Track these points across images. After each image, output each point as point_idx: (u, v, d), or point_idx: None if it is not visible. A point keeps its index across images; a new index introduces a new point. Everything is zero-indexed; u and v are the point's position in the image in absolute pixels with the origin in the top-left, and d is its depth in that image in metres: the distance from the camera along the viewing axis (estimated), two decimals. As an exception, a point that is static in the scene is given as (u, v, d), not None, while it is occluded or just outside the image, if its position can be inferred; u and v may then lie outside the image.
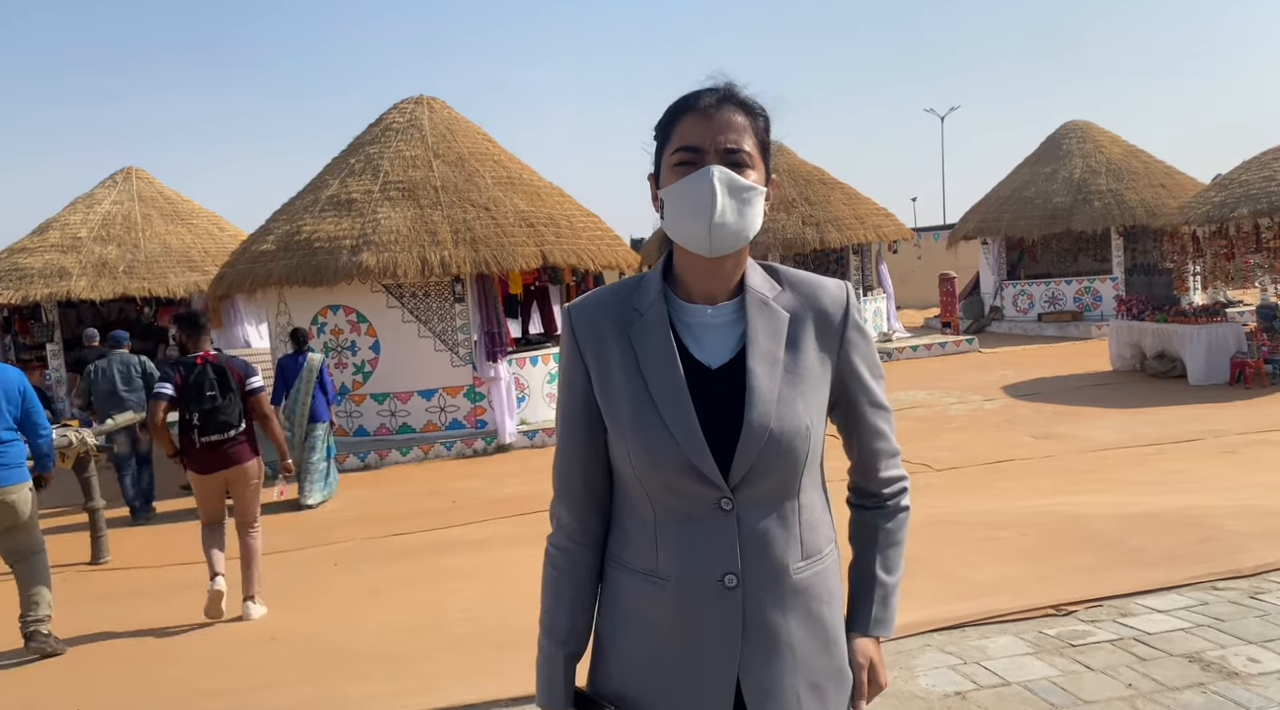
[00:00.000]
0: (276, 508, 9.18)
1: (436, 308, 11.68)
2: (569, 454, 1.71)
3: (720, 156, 1.58)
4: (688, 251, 1.64)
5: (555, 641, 1.74)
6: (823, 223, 18.29)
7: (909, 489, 1.79)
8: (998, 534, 6.09)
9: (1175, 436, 9.12)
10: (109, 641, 5.64)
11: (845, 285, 1.76)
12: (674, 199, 1.60)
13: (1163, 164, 20.56)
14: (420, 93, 13.65)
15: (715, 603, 1.58)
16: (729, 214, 1.57)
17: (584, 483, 1.71)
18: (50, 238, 16.14)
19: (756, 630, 1.59)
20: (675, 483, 1.57)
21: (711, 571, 1.57)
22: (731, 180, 1.57)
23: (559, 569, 1.75)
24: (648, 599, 1.63)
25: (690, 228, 1.58)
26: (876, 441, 1.76)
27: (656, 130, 1.67)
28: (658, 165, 1.66)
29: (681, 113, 1.62)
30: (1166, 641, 4.10)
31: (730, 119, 1.59)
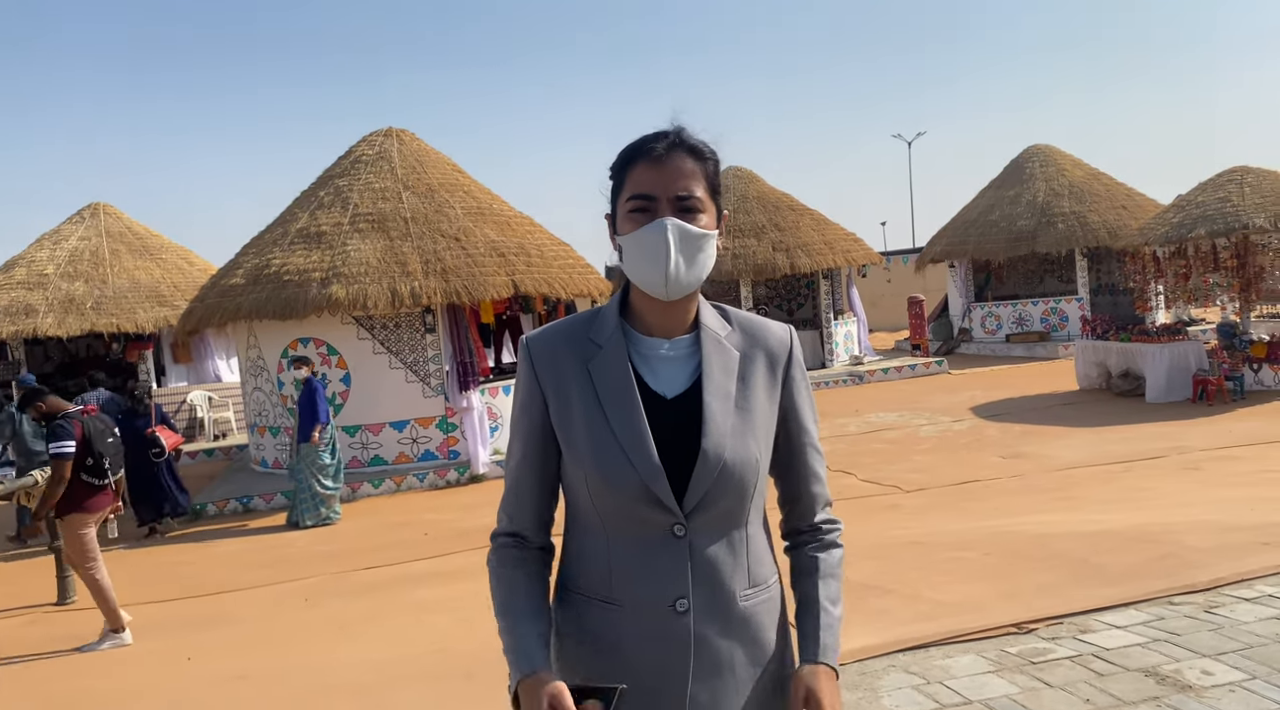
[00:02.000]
0: (250, 542, 9.13)
1: (408, 339, 11.69)
2: (522, 477, 1.78)
3: (672, 204, 1.65)
4: (645, 292, 1.72)
5: (517, 616, 1.70)
6: (792, 248, 18.50)
7: (841, 531, 1.87)
8: (963, 554, 6.16)
9: (1140, 454, 9.26)
10: (77, 684, 5.58)
11: (789, 329, 1.85)
12: (631, 248, 1.68)
13: (1124, 186, 20.97)
14: (389, 125, 13.73)
15: (667, 626, 1.64)
16: (682, 265, 1.65)
17: (534, 500, 1.78)
18: (16, 275, 16.03)
19: (704, 653, 1.66)
20: (632, 509, 1.64)
21: (664, 596, 1.63)
22: (684, 232, 1.64)
23: (507, 563, 1.77)
24: (605, 623, 1.69)
25: (648, 276, 1.67)
26: (814, 485, 1.84)
27: (611, 172, 1.74)
28: (614, 206, 1.74)
29: (634, 159, 1.69)
30: (1124, 657, 4.17)
31: (680, 166, 1.66)
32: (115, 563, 8.77)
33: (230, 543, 9.28)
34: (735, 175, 20.50)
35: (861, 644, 4.59)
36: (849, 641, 4.64)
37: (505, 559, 1.77)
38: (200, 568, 8.33)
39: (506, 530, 1.79)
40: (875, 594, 5.43)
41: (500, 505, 1.83)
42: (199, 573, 8.12)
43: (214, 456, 15.18)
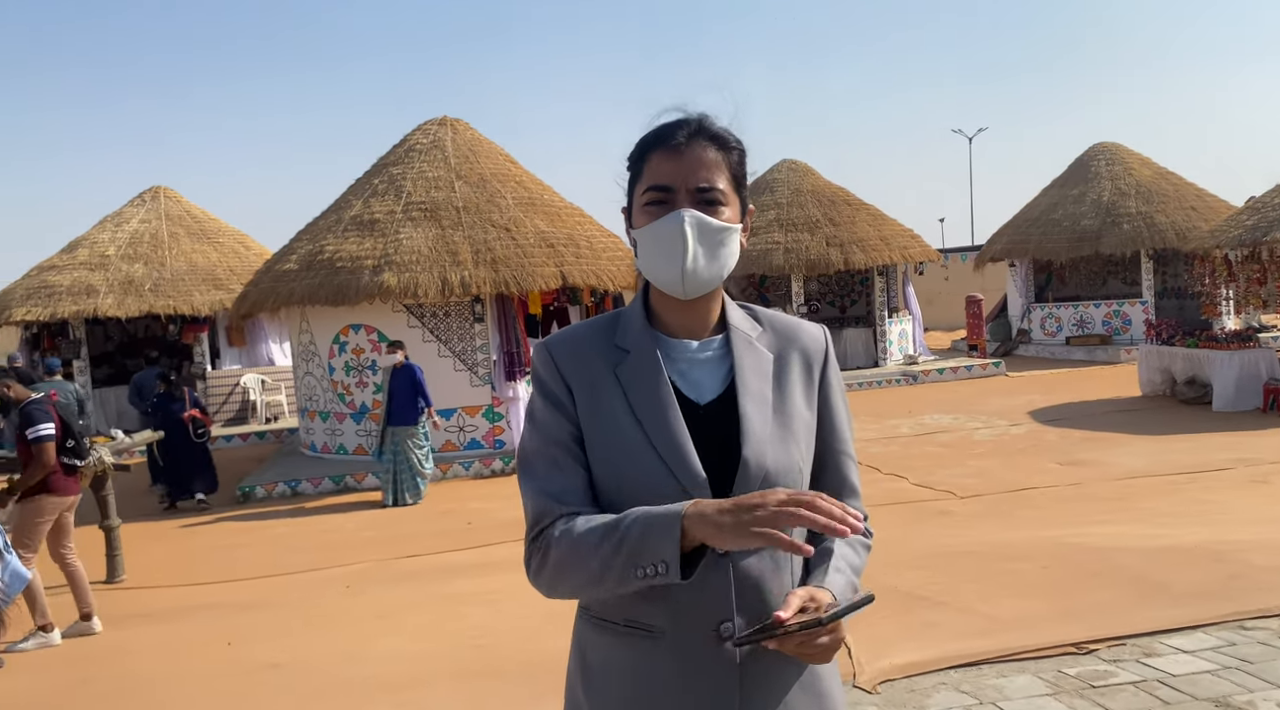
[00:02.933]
0: (297, 526, 9.18)
1: (456, 328, 11.68)
2: (562, 459, 1.54)
3: (691, 196, 1.53)
4: (662, 290, 1.59)
5: (630, 513, 1.43)
6: (847, 244, 18.17)
7: (871, 544, 1.69)
8: (1018, 566, 5.94)
9: (1205, 465, 8.90)
10: (114, 667, 5.61)
11: (823, 328, 1.73)
12: (646, 242, 1.55)
13: (1194, 186, 20.28)
14: (444, 114, 13.74)
15: (711, 654, 1.49)
16: (700, 260, 1.52)
17: (579, 480, 1.54)
18: (79, 256, 16.37)
19: (752, 685, 1.51)
20: None
21: (707, 621, 1.48)
22: (702, 224, 1.52)
23: (575, 524, 1.47)
24: (634, 655, 1.53)
25: (663, 272, 1.55)
26: (848, 498, 1.69)
27: (628, 162, 1.62)
28: (630, 198, 1.61)
29: (651, 148, 1.56)
30: (1192, 684, 3.95)
31: (701, 156, 1.54)
32: (167, 543, 8.89)
33: (278, 526, 9.34)
34: (790, 168, 20.20)
35: (910, 659, 4.41)
36: (896, 656, 4.47)
37: (573, 520, 1.48)
38: (248, 551, 8.39)
39: (555, 516, 1.50)
40: (925, 606, 5.24)
41: (533, 498, 1.55)
42: (246, 556, 8.18)
43: (265, 439, 15.36)
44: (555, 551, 1.48)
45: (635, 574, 1.39)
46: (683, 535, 1.35)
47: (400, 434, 9.89)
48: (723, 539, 1.32)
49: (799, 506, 1.29)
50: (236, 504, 10.51)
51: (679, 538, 1.35)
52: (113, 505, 7.69)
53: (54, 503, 6.18)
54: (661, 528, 1.37)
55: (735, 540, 1.31)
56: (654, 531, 1.37)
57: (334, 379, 11.97)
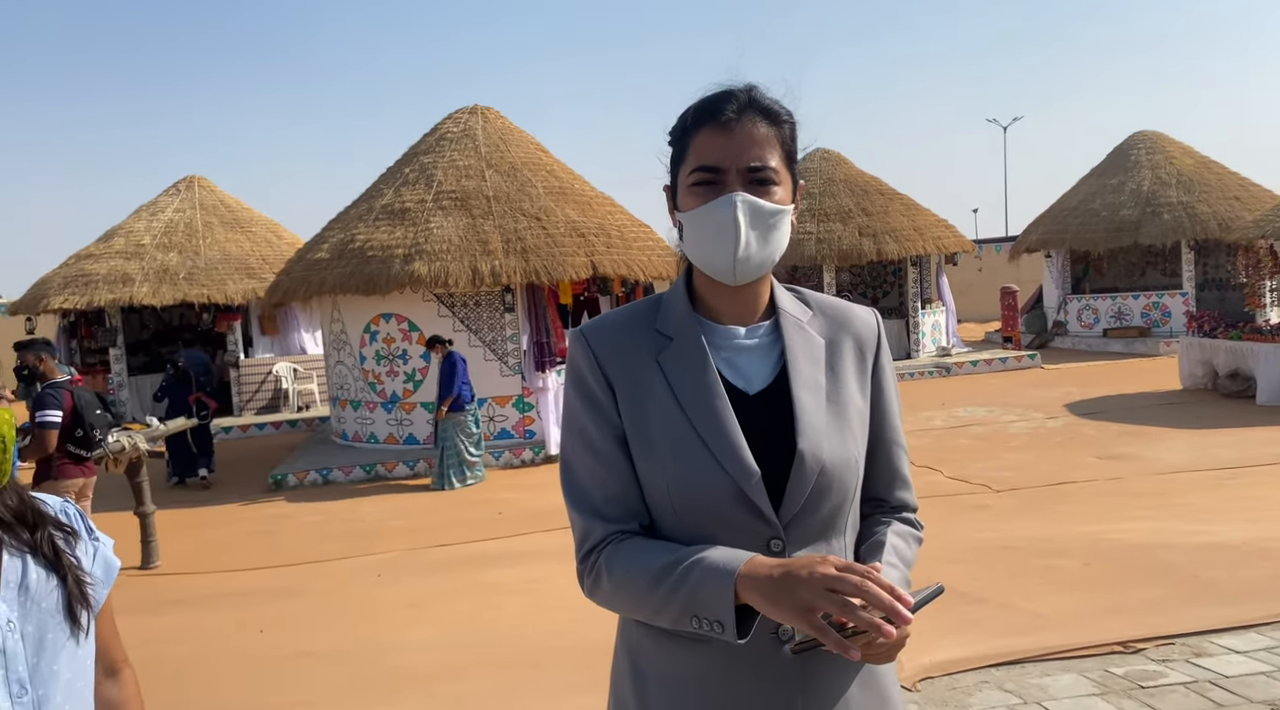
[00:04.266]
0: (330, 514, 9.21)
1: (487, 317, 11.66)
2: (608, 469, 1.46)
3: (743, 177, 1.43)
4: (709, 276, 1.50)
5: (686, 551, 1.37)
6: (880, 234, 17.96)
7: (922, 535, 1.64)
8: (1059, 562, 5.81)
9: (1250, 460, 8.69)
10: (149, 653, 5.63)
11: (875, 312, 1.64)
12: (694, 226, 1.46)
13: (1237, 176, 19.85)
14: (475, 103, 13.70)
15: (770, 660, 1.41)
16: (753, 245, 1.44)
17: (628, 491, 1.46)
18: (115, 245, 16.54)
19: (814, 688, 1.43)
20: (724, 518, 1.41)
21: (765, 623, 1.38)
22: (755, 208, 1.43)
23: (626, 546, 1.42)
24: (689, 663, 1.44)
25: (713, 258, 1.46)
26: (899, 489, 1.62)
27: (671, 138, 1.52)
28: (674, 177, 1.52)
29: (699, 124, 1.46)
30: (1245, 686, 3.82)
31: (753, 132, 1.44)
32: (201, 530, 8.95)
33: (309, 514, 9.37)
34: (822, 157, 20.00)
35: (950, 656, 4.32)
36: (936, 653, 4.38)
37: (623, 545, 1.42)
38: (280, 539, 8.42)
39: (604, 535, 1.45)
40: (965, 602, 5.13)
41: (578, 514, 1.49)
42: (278, 544, 8.21)
43: (297, 427, 15.45)
44: (608, 581, 1.43)
45: (690, 624, 1.34)
46: (738, 594, 1.29)
47: (446, 420, 10.13)
48: (768, 611, 1.27)
49: (846, 588, 1.20)
50: (268, 492, 10.57)
51: (733, 599, 1.29)
52: (147, 492, 7.74)
53: (61, 487, 6.22)
54: (715, 585, 1.31)
55: (780, 616, 1.25)
56: (708, 586, 1.31)
57: (365, 368, 11.99)
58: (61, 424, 6.14)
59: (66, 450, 6.23)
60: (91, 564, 1.50)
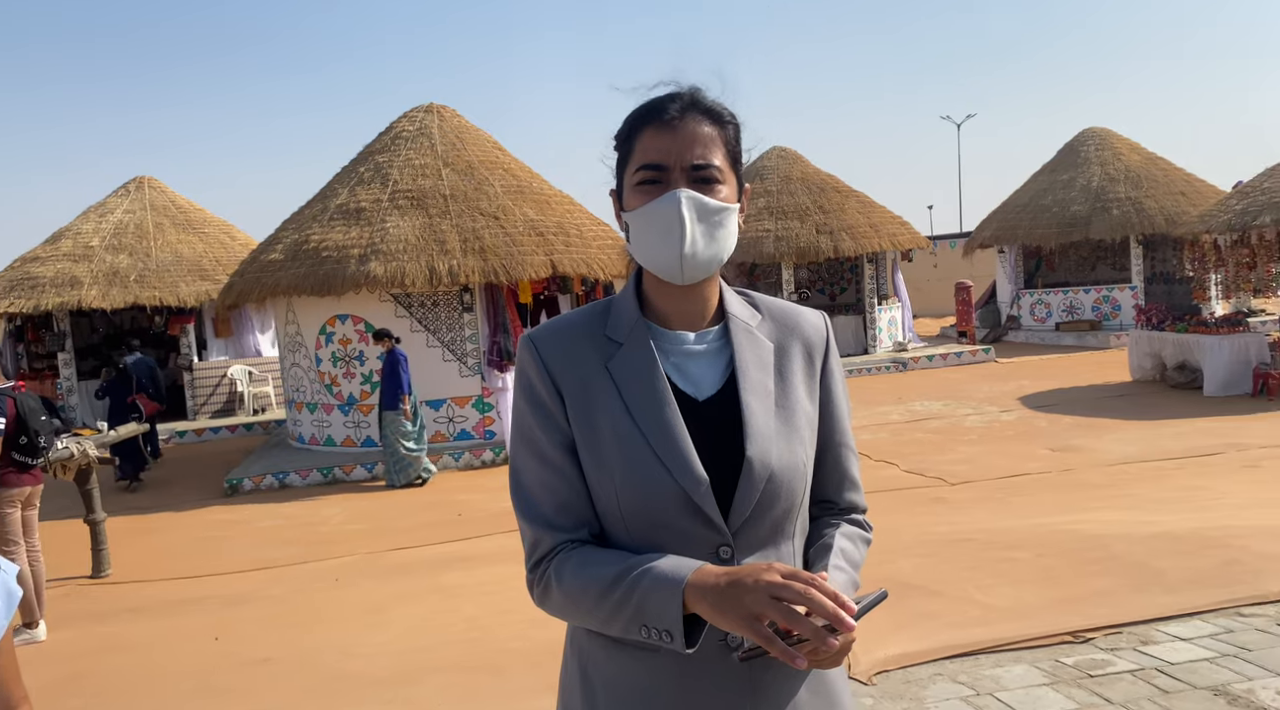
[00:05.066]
0: (287, 519, 9.10)
1: (445, 317, 11.58)
2: (556, 478, 1.46)
3: (687, 174, 1.43)
4: (659, 277, 1.49)
5: (638, 560, 1.37)
6: (836, 231, 18.13)
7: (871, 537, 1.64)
8: (1013, 554, 5.91)
9: (1196, 450, 8.90)
10: (100, 662, 5.54)
11: (824, 315, 1.64)
12: (639, 225, 1.46)
13: (1182, 171, 20.29)
14: (431, 101, 13.59)
15: (719, 668, 1.41)
16: (700, 242, 1.43)
17: (578, 499, 1.46)
18: (63, 247, 16.18)
19: (763, 695, 1.44)
20: (672, 526, 1.41)
21: (714, 632, 1.37)
22: (701, 204, 1.43)
23: (576, 555, 1.42)
24: (637, 671, 1.44)
25: (659, 257, 1.45)
26: (849, 491, 1.62)
27: (616, 141, 1.52)
28: (620, 179, 1.52)
29: (643, 124, 1.46)
30: (1190, 672, 3.92)
31: (697, 131, 1.44)
32: (154, 537, 8.79)
33: (266, 518, 9.25)
34: (779, 155, 20.13)
35: (905, 649, 4.37)
36: (891, 647, 4.43)
37: (572, 555, 1.42)
38: (236, 544, 8.30)
39: (552, 544, 1.45)
40: (920, 595, 5.20)
41: (527, 523, 1.48)
42: (234, 549, 8.10)
43: (253, 431, 15.24)
44: (558, 591, 1.43)
45: (640, 633, 1.34)
46: (685, 604, 1.30)
47: (386, 418, 10.15)
48: (715, 620, 1.28)
49: (790, 595, 1.21)
50: (224, 497, 10.41)
51: (681, 609, 1.30)
52: (97, 499, 7.59)
53: (7, 495, 6.06)
54: (663, 594, 1.31)
55: (727, 625, 1.26)
56: (656, 596, 1.32)
57: (321, 370, 11.86)
58: (5, 432, 5.98)
59: (11, 458, 6.07)
60: None
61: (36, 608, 6.06)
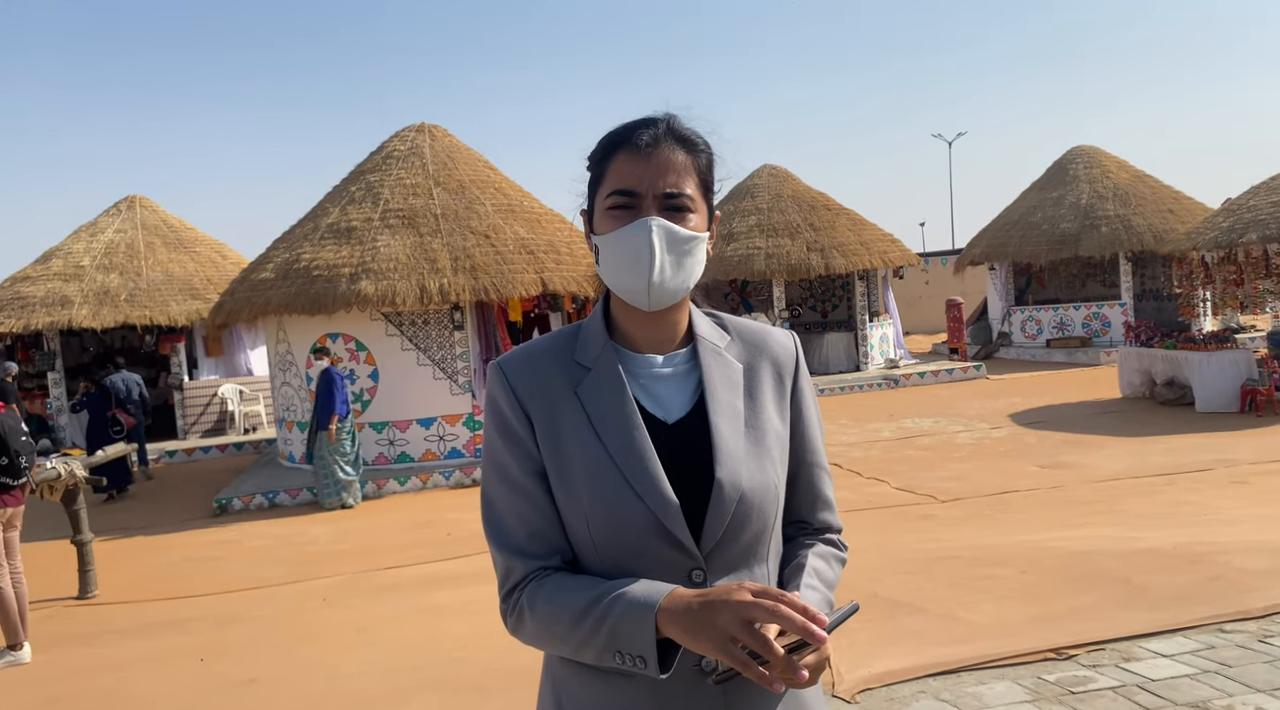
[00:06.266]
0: (275, 538, 9.08)
1: (436, 336, 11.60)
2: (528, 505, 1.46)
3: (658, 202, 1.45)
4: (625, 301, 1.51)
5: (609, 586, 1.38)
6: (828, 249, 18.21)
7: (846, 558, 1.65)
8: (998, 571, 5.92)
9: (1185, 466, 8.93)
10: (84, 685, 5.51)
11: (793, 335, 1.65)
12: (609, 250, 1.47)
13: (1170, 189, 20.43)
14: (423, 121, 13.66)
15: (694, 692, 1.41)
16: (668, 270, 1.45)
17: (550, 527, 1.46)
18: (53, 266, 16.19)
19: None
20: (643, 550, 1.41)
21: (688, 656, 1.37)
22: (671, 233, 1.44)
23: (549, 584, 1.42)
24: (612, 698, 1.43)
25: (627, 283, 1.46)
26: (822, 511, 1.63)
27: (589, 162, 1.53)
28: (591, 202, 1.53)
29: (616, 149, 1.48)
30: (1171, 689, 3.93)
31: (670, 158, 1.46)
32: (141, 557, 8.76)
33: (255, 538, 9.23)
34: (770, 173, 20.24)
35: (889, 667, 4.38)
36: (875, 664, 4.44)
37: (545, 582, 1.43)
38: (224, 564, 8.27)
39: (525, 572, 1.45)
40: (905, 612, 5.21)
41: (499, 552, 1.49)
42: (222, 569, 8.07)
43: (243, 450, 15.21)
44: (531, 620, 1.43)
45: (614, 660, 1.34)
46: (659, 628, 1.30)
47: (321, 438, 10.24)
48: (689, 644, 1.28)
49: (759, 614, 1.23)
50: (213, 517, 10.39)
51: (654, 634, 1.30)
52: (84, 520, 7.56)
53: None
54: (636, 620, 1.31)
55: (700, 648, 1.26)
56: (629, 622, 1.32)
57: (311, 388, 11.84)
58: None
59: None
60: None
61: (20, 629, 6.03)
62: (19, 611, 6.05)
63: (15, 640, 6.00)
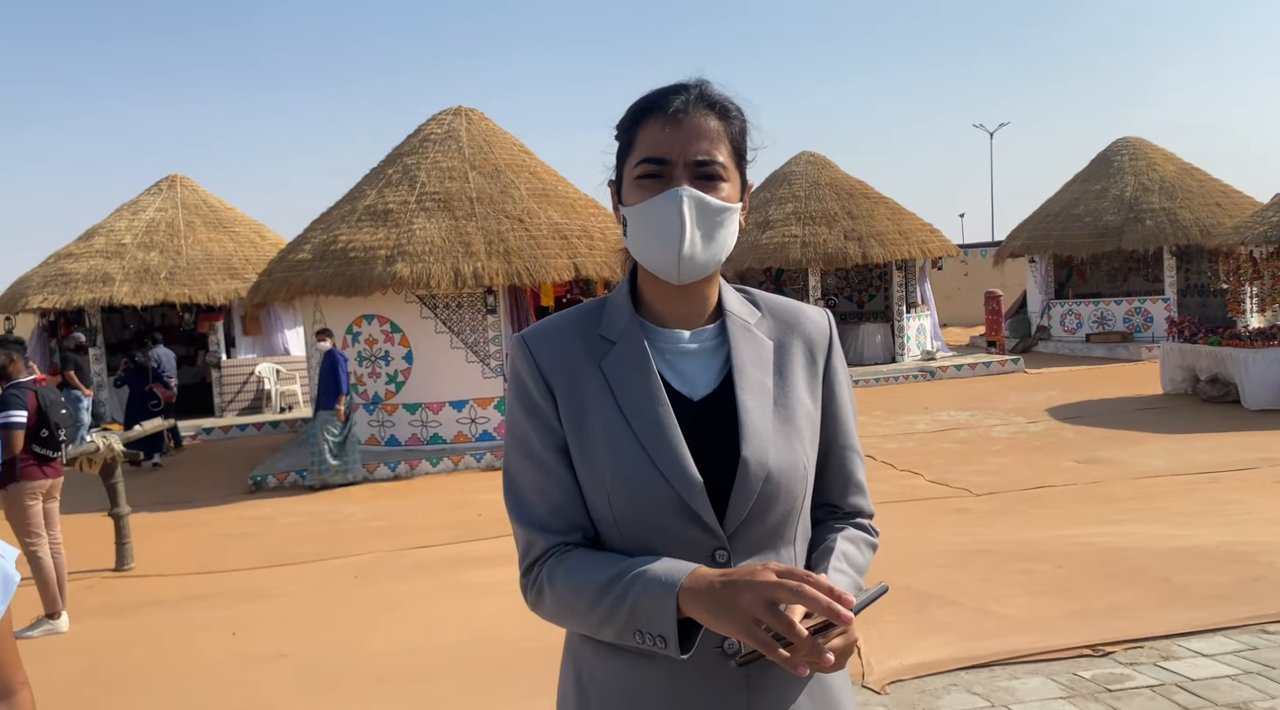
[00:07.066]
0: (308, 515, 9.17)
1: (469, 319, 11.63)
2: (549, 479, 1.43)
3: (689, 170, 1.39)
4: (653, 275, 1.46)
5: (631, 562, 1.34)
6: (865, 238, 18.00)
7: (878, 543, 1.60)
8: (1033, 566, 5.82)
9: (1228, 464, 8.74)
10: (119, 655, 5.59)
11: (827, 312, 1.59)
12: (638, 221, 1.41)
13: (1219, 182, 19.98)
14: (459, 104, 13.67)
15: (716, 674, 1.37)
16: (699, 243, 1.39)
17: (571, 501, 1.43)
18: (96, 244, 16.43)
19: (761, 703, 1.40)
20: (666, 529, 1.37)
21: (710, 636, 1.33)
22: (702, 203, 1.38)
23: (569, 558, 1.39)
24: (633, 677, 1.40)
25: (656, 255, 1.41)
26: (854, 495, 1.57)
27: (617, 130, 1.48)
28: (620, 171, 1.48)
29: (646, 115, 1.42)
30: (1211, 689, 3.84)
31: (702, 125, 1.40)
32: (177, 532, 8.88)
33: (288, 515, 9.33)
34: (808, 161, 20.04)
35: (921, 659, 4.32)
36: (907, 656, 4.38)
37: (565, 558, 1.40)
38: (258, 540, 8.37)
39: (545, 547, 1.42)
40: (938, 604, 5.14)
41: (520, 526, 1.45)
42: (256, 545, 8.17)
43: (279, 428, 15.38)
44: (550, 596, 1.40)
45: (634, 639, 1.31)
46: (680, 608, 1.26)
47: (320, 417, 10.38)
48: (711, 624, 1.24)
49: (783, 594, 1.19)
50: (248, 493, 10.51)
51: (675, 614, 1.26)
52: (122, 493, 7.68)
53: (30, 487, 6.14)
54: (657, 599, 1.27)
55: (722, 629, 1.23)
56: (649, 600, 1.28)
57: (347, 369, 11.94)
58: (27, 424, 6.06)
59: (32, 451, 6.15)
60: None
61: (59, 599, 6.14)
62: (58, 581, 6.16)
63: (54, 609, 6.11)
